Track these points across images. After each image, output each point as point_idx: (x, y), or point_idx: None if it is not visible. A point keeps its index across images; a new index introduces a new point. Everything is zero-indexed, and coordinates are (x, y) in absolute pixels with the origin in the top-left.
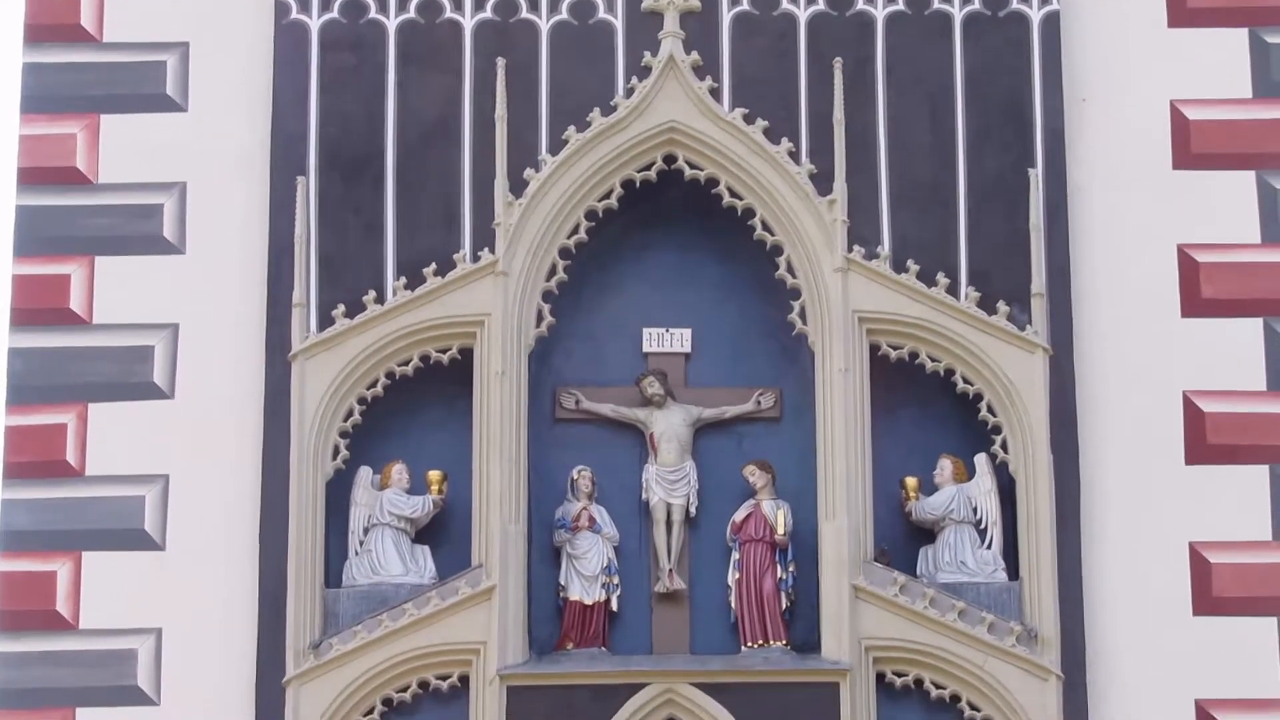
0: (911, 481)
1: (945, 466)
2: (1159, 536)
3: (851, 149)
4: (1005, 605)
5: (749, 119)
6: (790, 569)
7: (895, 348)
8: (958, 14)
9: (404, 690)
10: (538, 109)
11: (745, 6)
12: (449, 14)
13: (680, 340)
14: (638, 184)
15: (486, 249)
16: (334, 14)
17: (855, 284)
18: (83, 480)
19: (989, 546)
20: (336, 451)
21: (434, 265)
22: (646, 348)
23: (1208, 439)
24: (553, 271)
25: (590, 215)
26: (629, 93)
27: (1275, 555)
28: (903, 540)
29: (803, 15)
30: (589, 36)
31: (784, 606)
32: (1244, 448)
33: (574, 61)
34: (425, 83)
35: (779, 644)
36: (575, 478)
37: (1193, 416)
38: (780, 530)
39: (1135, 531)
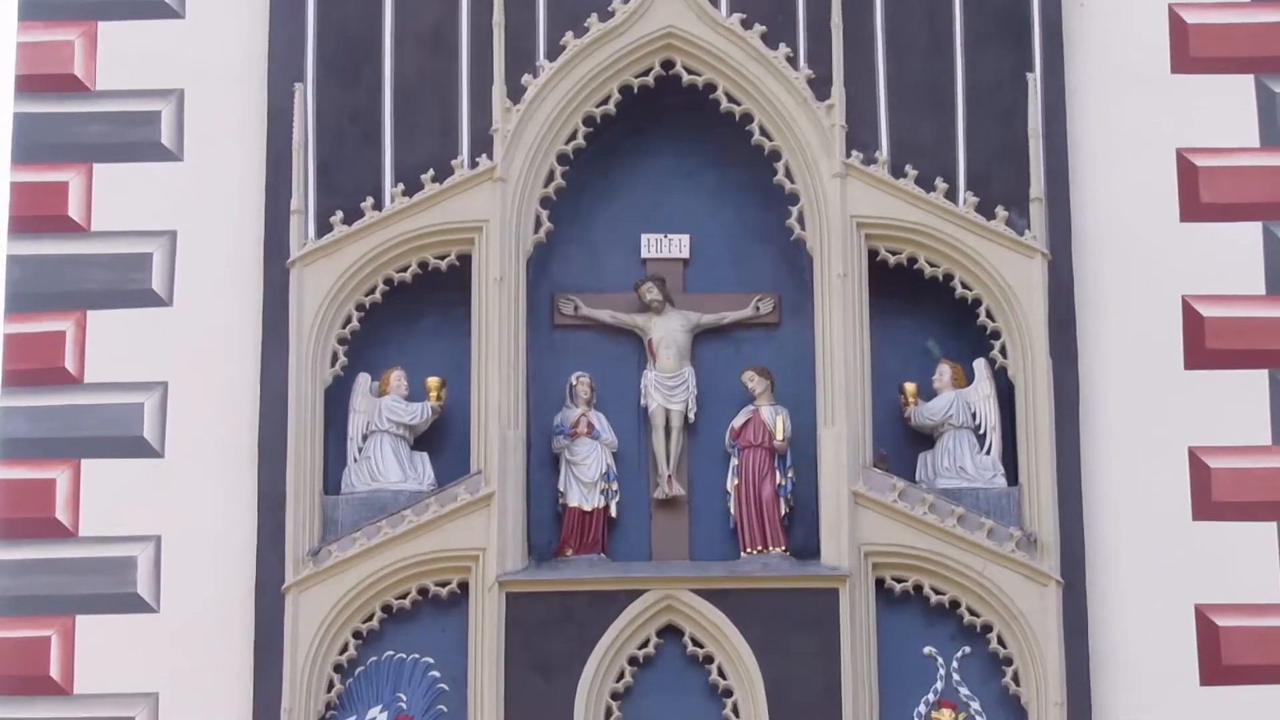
0: (910, 387)
1: (944, 371)
2: (1158, 441)
3: (849, 54)
4: (1004, 510)
5: (746, 24)
6: (789, 475)
7: (894, 253)
8: None
9: (403, 597)
10: (535, 15)
11: None
12: None
13: (679, 246)
14: (635, 90)
15: (484, 155)
16: None
17: (854, 189)
18: (81, 388)
19: (988, 452)
20: (335, 358)
21: (432, 172)
22: (645, 254)
23: (1207, 344)
24: (551, 177)
25: (588, 121)
26: None
27: (1275, 460)
28: (902, 446)
29: None
30: None
31: (783, 512)
32: (1243, 352)
33: None
34: None
35: (778, 550)
36: (574, 384)
37: (1192, 321)
38: (779, 436)
39: (1135, 436)
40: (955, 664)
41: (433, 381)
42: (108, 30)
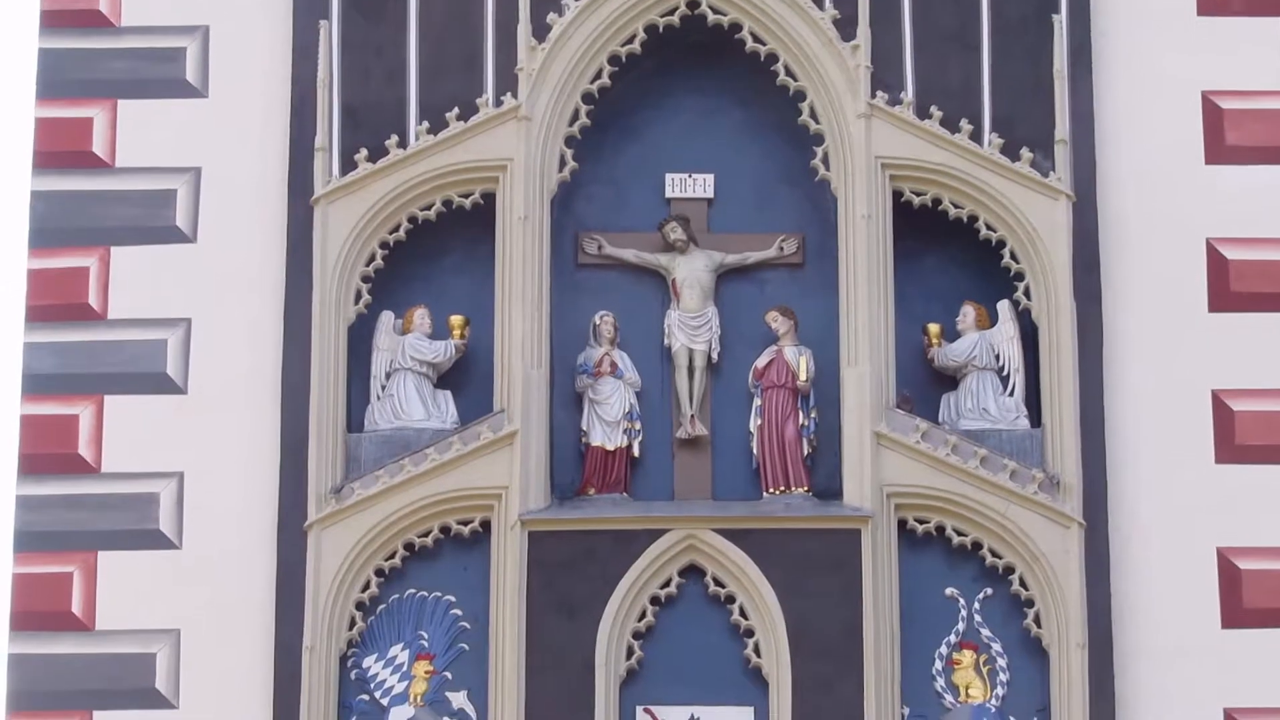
0: (934, 328)
1: (968, 313)
2: (1182, 384)
3: None
4: (1027, 452)
5: None
6: (812, 415)
7: (918, 194)
8: None
9: (425, 535)
10: None
11: None
12: None
13: (703, 186)
14: (661, 29)
15: (509, 94)
16: None
17: (878, 130)
18: (105, 324)
19: (1011, 393)
20: (358, 296)
21: (456, 110)
22: (669, 193)
23: (1231, 286)
24: (575, 116)
25: (613, 60)
26: None
27: None
28: (925, 387)
29: None
30: None
31: (806, 453)
32: (1267, 295)
33: None
34: None
35: (800, 490)
36: (597, 323)
37: (1216, 263)
38: (802, 376)
39: (1158, 379)
40: (977, 605)
41: (456, 320)
42: None
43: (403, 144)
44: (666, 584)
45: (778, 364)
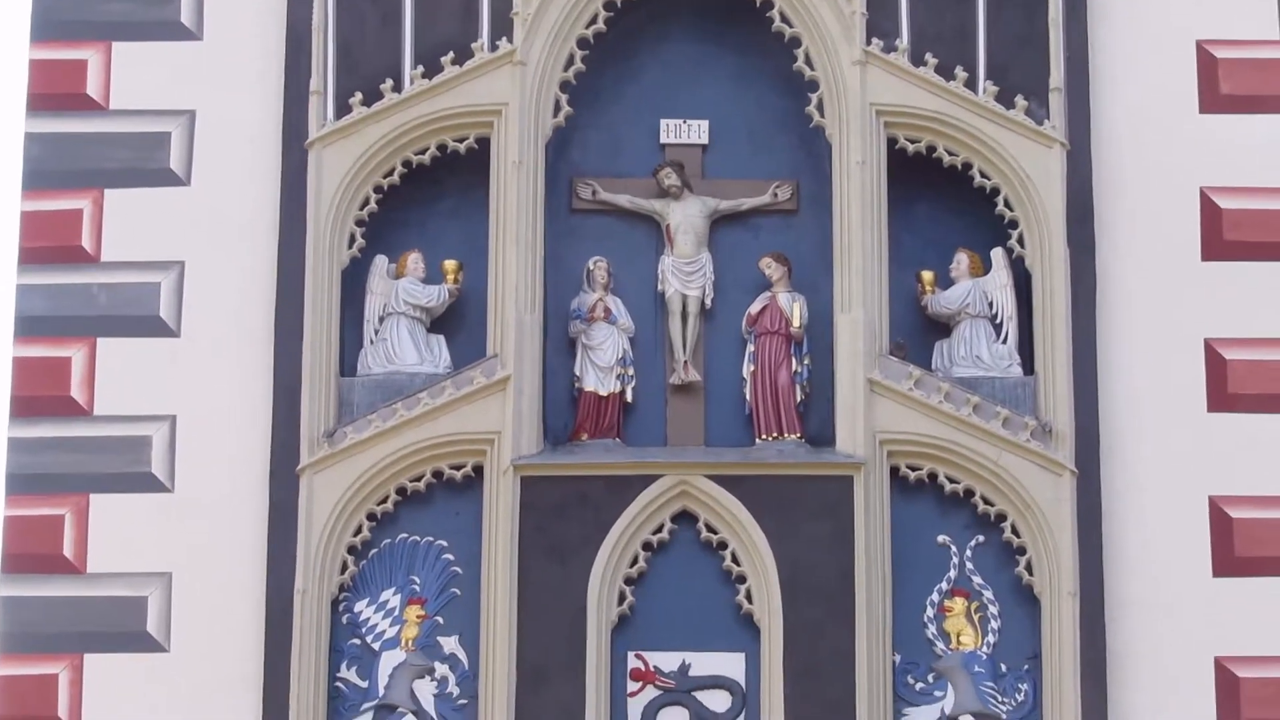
0: (927, 275)
1: (961, 260)
2: (1175, 332)
3: None
4: (1020, 400)
5: None
6: (805, 362)
7: (913, 141)
8: None
9: (418, 479)
10: None
11: None
12: None
13: (698, 132)
14: None
15: (504, 38)
16: None
17: (873, 77)
18: (98, 266)
19: (1004, 341)
20: (352, 240)
21: (451, 54)
22: (664, 139)
23: (1225, 235)
24: (570, 61)
25: (609, 5)
26: None
27: None
28: (918, 334)
29: None
30: None
31: (799, 399)
32: (1261, 244)
33: None
34: None
35: (793, 437)
36: (591, 268)
37: (1210, 212)
38: (796, 323)
39: (1151, 327)
40: (969, 553)
41: (450, 264)
42: None
43: (397, 88)
44: (659, 530)
45: (771, 310)
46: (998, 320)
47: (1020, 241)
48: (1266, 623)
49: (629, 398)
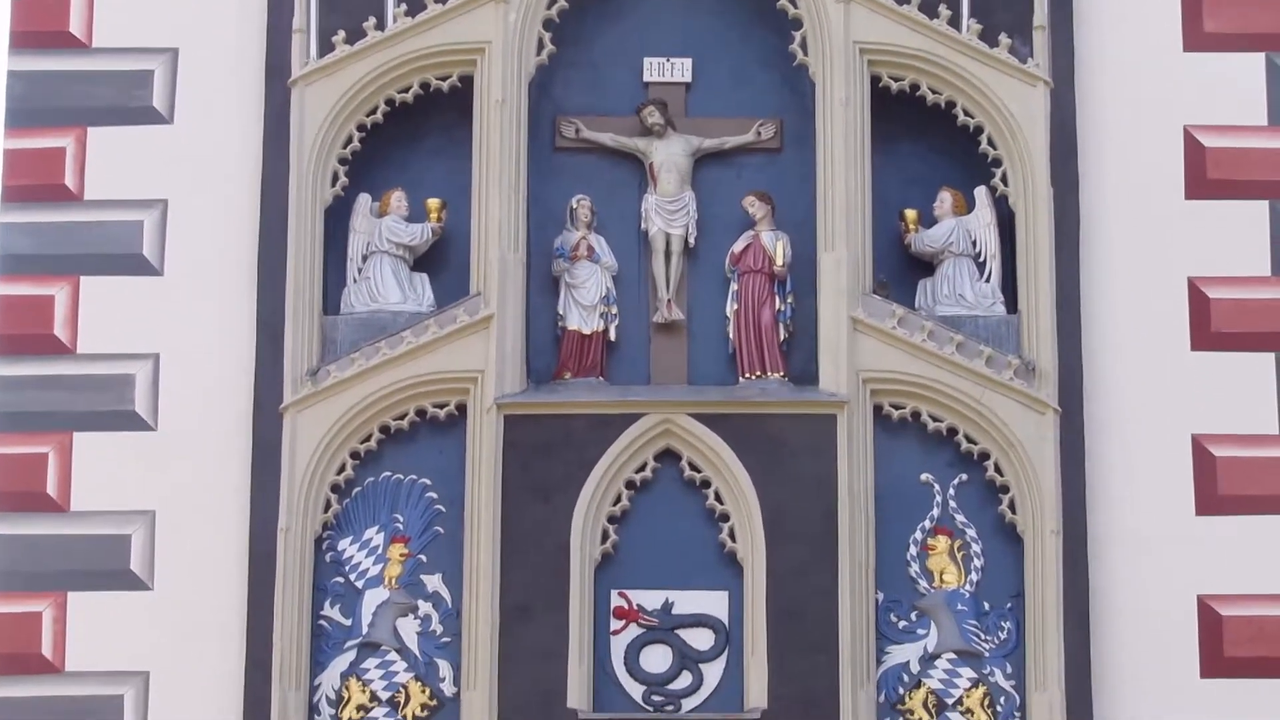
0: (911, 214)
1: (945, 199)
2: (1158, 271)
3: None
4: (1003, 338)
5: None
6: (789, 300)
7: (896, 79)
8: None
9: (401, 418)
10: None
11: None
12: None
13: (681, 70)
14: None
15: None
16: None
17: (857, 15)
18: (81, 204)
19: (988, 279)
20: (335, 178)
21: None
22: (647, 77)
23: (1208, 174)
24: None
25: None
26: None
27: (1274, 291)
28: (901, 273)
29: None
30: None
31: (782, 338)
32: (1244, 183)
33: None
34: None
35: (776, 375)
36: (574, 207)
37: (1193, 150)
38: (779, 261)
39: (1134, 266)
40: (952, 491)
41: (433, 203)
42: None
43: (380, 26)
44: (642, 468)
45: (754, 249)
46: (981, 259)
47: (1004, 180)
48: (1249, 561)
49: (612, 336)
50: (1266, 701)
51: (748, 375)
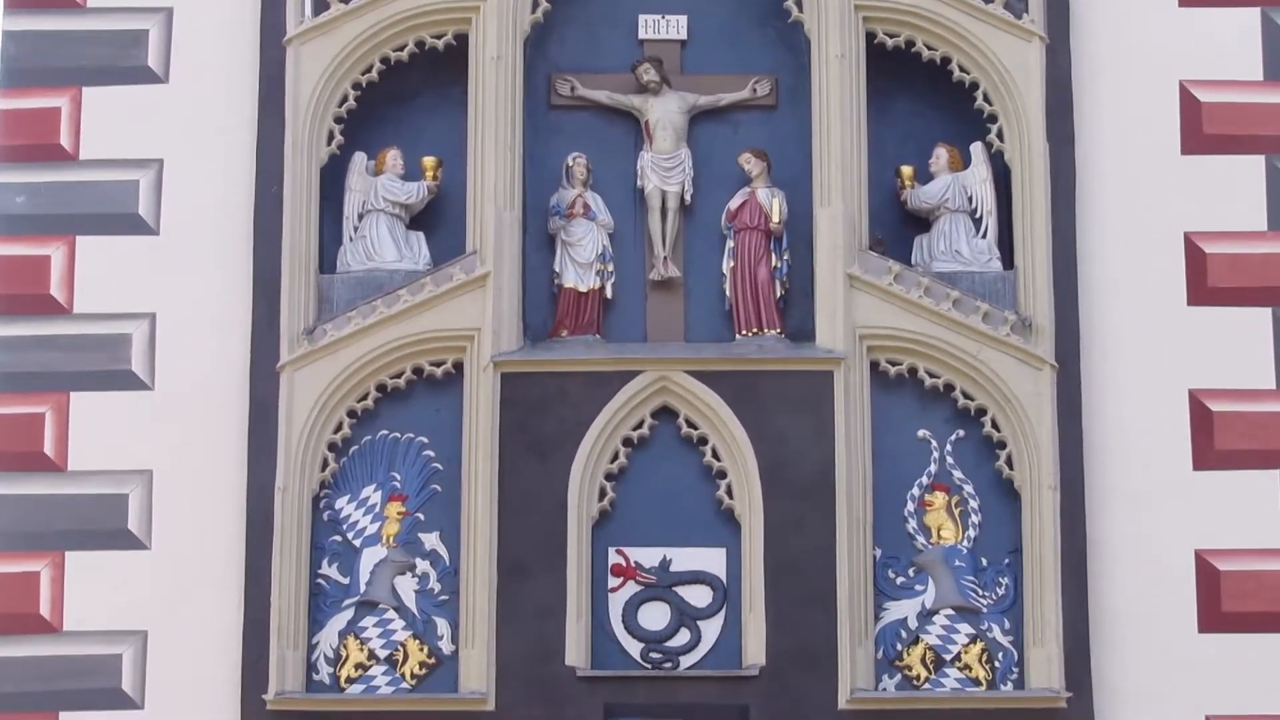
0: (907, 170)
1: (941, 155)
2: (1154, 226)
3: None
4: (1000, 294)
5: None
6: (785, 257)
7: (891, 35)
8: None
9: (398, 376)
10: None
11: None
12: None
13: (676, 27)
14: None
15: None
16: None
17: None
18: (77, 164)
19: (984, 235)
20: (331, 137)
21: None
22: (642, 34)
23: (1204, 129)
24: None
25: None
26: None
27: (1271, 245)
28: (897, 229)
29: None
30: None
31: (778, 295)
32: (1240, 137)
33: None
34: None
35: (773, 332)
36: (570, 164)
37: (1189, 106)
38: (775, 218)
39: (1130, 221)
40: (949, 447)
41: (429, 161)
42: None
43: None
44: (639, 426)
45: (750, 206)
46: (977, 215)
47: (999, 136)
48: (1247, 515)
49: (609, 294)
50: (1264, 655)
51: (744, 332)
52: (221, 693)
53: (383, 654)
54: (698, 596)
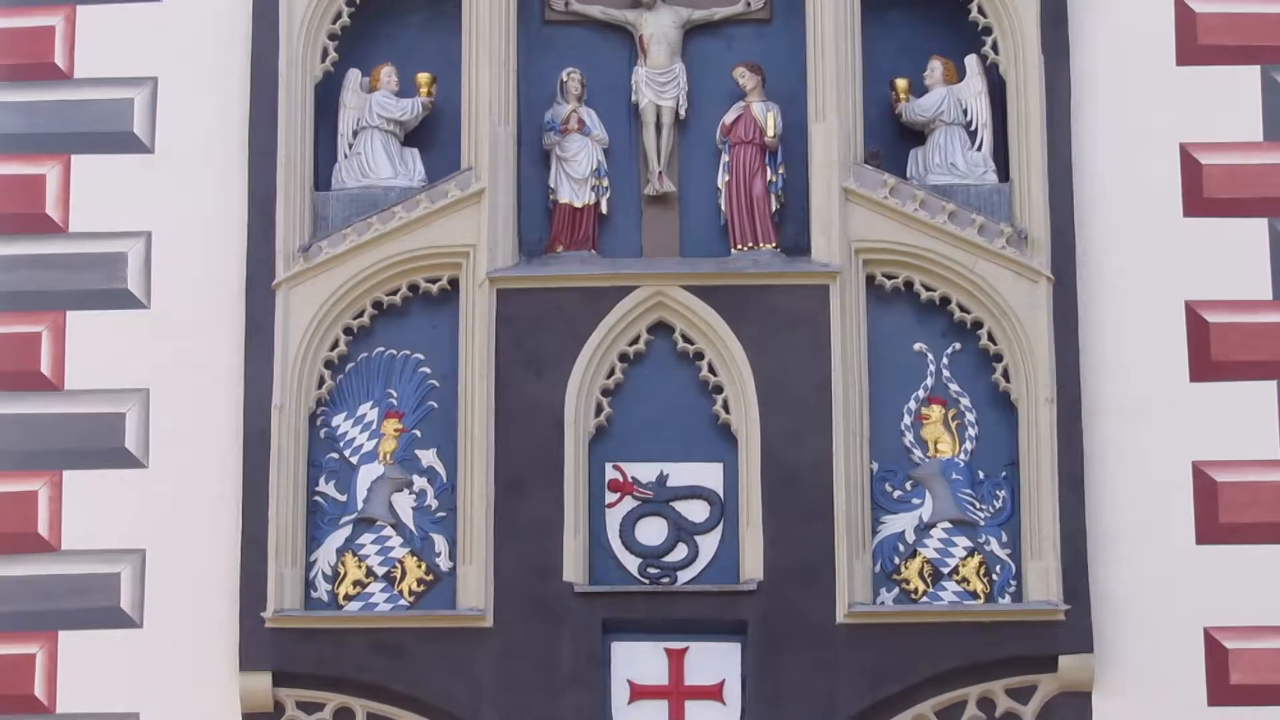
0: (901, 83)
1: (935, 68)
2: (1149, 137)
3: None
4: (995, 207)
5: None
6: (780, 171)
7: None
8: None
9: (394, 293)
10: None
11: None
12: None
13: None
14: None
15: None
16: None
17: None
18: (70, 83)
19: (979, 148)
20: (325, 54)
21: None
22: None
23: (1199, 39)
24: None
25: None
26: None
27: (1266, 156)
28: (893, 142)
29: None
30: None
31: (774, 209)
32: (1237, 48)
33: None
34: None
35: (769, 247)
36: (565, 80)
37: (1184, 16)
38: (770, 132)
39: (1126, 132)
40: (945, 360)
41: (423, 77)
42: None
43: None
44: (635, 341)
45: (745, 120)
46: (972, 127)
47: (994, 48)
48: (1244, 427)
49: (604, 209)
50: (1262, 567)
51: (740, 247)
52: (220, 610)
53: (380, 571)
54: (695, 511)
